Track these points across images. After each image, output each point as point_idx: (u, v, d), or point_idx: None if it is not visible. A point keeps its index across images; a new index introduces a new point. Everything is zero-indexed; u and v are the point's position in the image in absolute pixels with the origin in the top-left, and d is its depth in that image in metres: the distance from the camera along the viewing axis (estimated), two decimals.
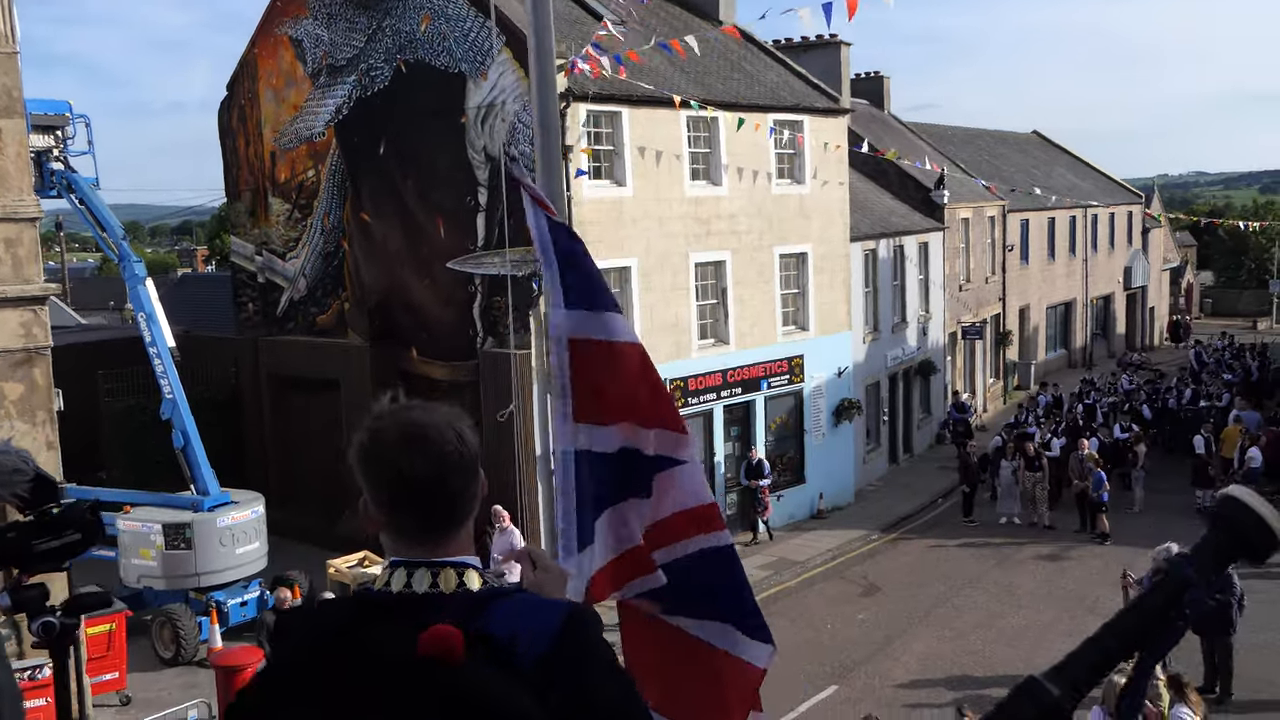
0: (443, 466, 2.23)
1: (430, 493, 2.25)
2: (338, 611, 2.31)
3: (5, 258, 15.47)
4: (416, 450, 2.22)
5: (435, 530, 2.28)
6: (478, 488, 2.30)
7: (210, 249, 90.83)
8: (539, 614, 2.22)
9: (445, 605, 2.20)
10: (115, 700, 17.70)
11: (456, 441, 2.23)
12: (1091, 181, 55.47)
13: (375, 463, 2.25)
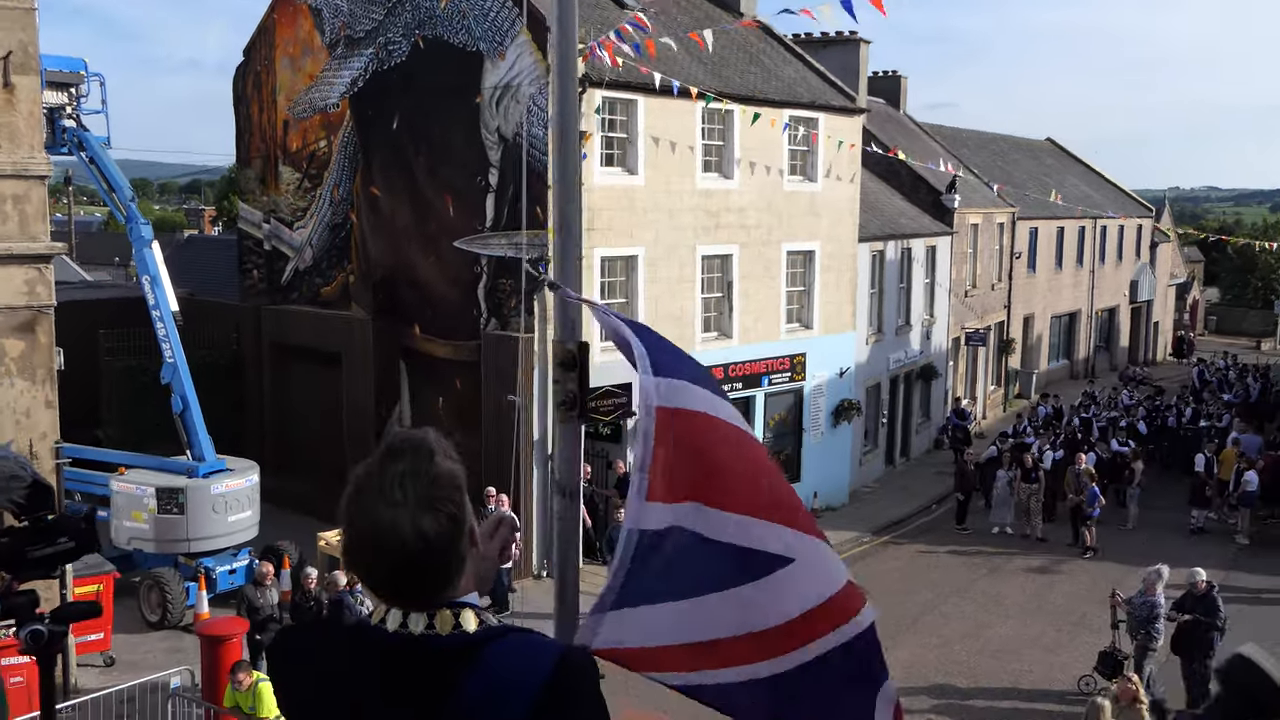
0: (399, 574, 2.23)
1: (399, 587, 2.26)
2: (335, 657, 2.30)
3: (12, 214, 15.42)
4: (373, 561, 2.23)
5: (422, 600, 2.27)
6: (458, 559, 2.27)
7: (218, 210, 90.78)
8: (532, 657, 2.23)
9: (441, 647, 2.22)
10: (99, 661, 17.73)
11: (419, 549, 2.18)
12: (1103, 192, 55.34)
13: (349, 559, 2.27)
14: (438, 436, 2.32)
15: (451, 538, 2.23)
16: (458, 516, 2.24)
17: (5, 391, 15.53)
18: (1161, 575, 17.17)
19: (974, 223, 38.46)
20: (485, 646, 2.23)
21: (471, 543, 2.32)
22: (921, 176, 35.87)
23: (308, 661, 2.37)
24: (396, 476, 2.21)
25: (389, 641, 2.25)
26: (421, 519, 2.18)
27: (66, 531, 2.96)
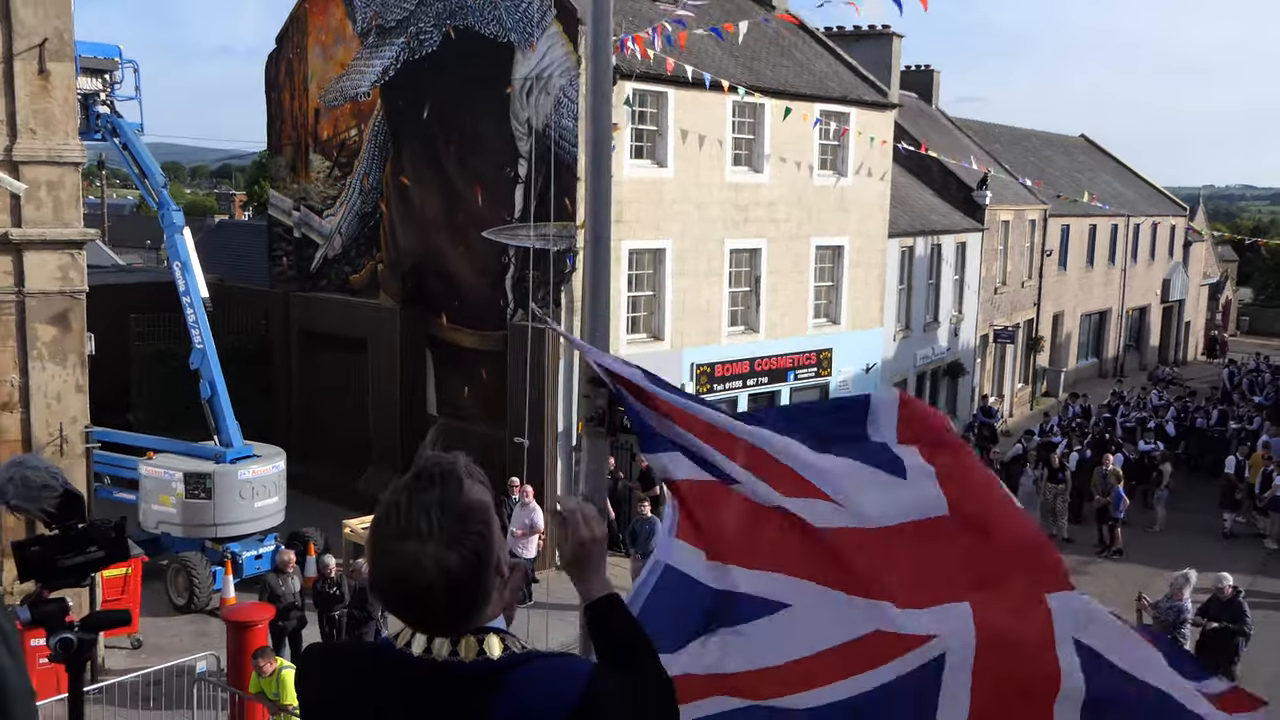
0: (425, 611, 2.24)
1: (424, 619, 2.28)
2: (359, 678, 2.31)
3: (46, 200, 15.53)
4: (400, 599, 2.24)
5: (442, 630, 2.29)
6: (484, 592, 2.27)
7: (249, 195, 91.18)
8: (558, 683, 2.24)
9: (465, 675, 2.23)
10: (127, 643, 17.89)
11: (442, 585, 2.18)
12: (1136, 190, 54.91)
13: (375, 591, 2.29)
14: (468, 463, 2.31)
15: (476, 573, 2.23)
16: (483, 553, 2.24)
17: (37, 375, 15.66)
18: (1189, 580, 17.04)
19: (1005, 219, 38.24)
20: (510, 673, 2.24)
21: (497, 573, 2.31)
22: (952, 172, 35.68)
23: (332, 681, 2.39)
24: (424, 508, 2.21)
25: (413, 666, 2.26)
26: (447, 556, 2.18)
27: (97, 540, 2.98)
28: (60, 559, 2.93)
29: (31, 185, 15.29)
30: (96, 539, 2.99)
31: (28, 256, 15.41)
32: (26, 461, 2.95)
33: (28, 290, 15.45)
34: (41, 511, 2.93)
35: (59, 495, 2.93)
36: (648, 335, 23.62)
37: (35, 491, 2.90)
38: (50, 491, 2.92)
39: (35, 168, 15.34)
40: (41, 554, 2.93)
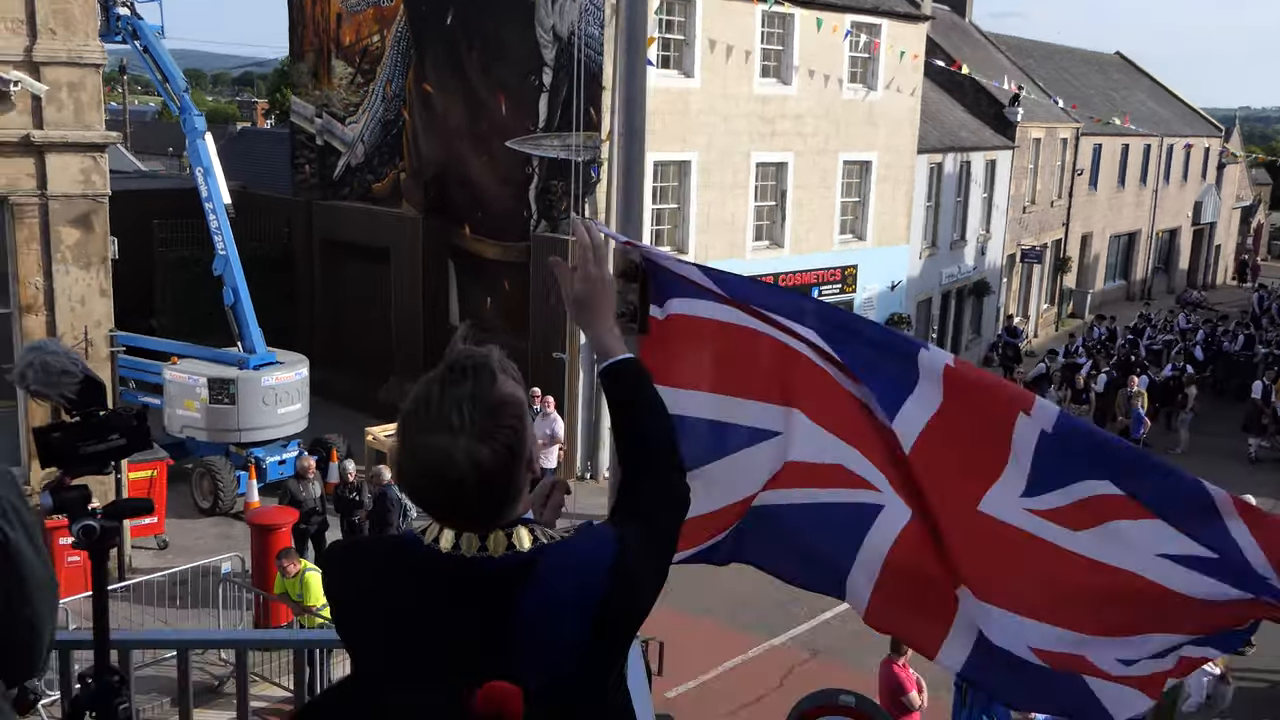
0: (457, 503, 2.18)
1: (453, 513, 2.22)
2: (390, 579, 2.27)
3: (67, 102, 15.42)
4: (431, 490, 2.18)
5: (480, 525, 2.23)
6: (515, 488, 2.23)
7: (271, 103, 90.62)
8: (585, 574, 2.21)
9: (494, 570, 2.18)
10: (154, 544, 18.16)
11: (474, 477, 2.13)
12: (1171, 110, 54.02)
13: (404, 483, 2.23)
14: (501, 356, 2.25)
15: (508, 467, 2.17)
16: (515, 447, 2.18)
17: (61, 279, 15.67)
18: None
19: (1036, 137, 37.71)
20: (538, 564, 2.19)
21: (529, 469, 2.26)
22: (984, 88, 35.13)
23: (356, 577, 2.33)
24: (456, 401, 2.15)
25: (441, 562, 2.21)
26: (479, 449, 2.12)
27: (118, 428, 2.94)
28: (81, 446, 2.90)
29: (52, 87, 15.17)
30: (118, 426, 2.95)
31: (50, 159, 15.33)
32: (45, 346, 2.90)
33: (50, 193, 15.40)
34: (61, 397, 2.89)
35: (79, 381, 2.88)
36: (671, 248, 23.45)
37: (55, 377, 2.86)
38: (70, 377, 2.87)
39: (55, 69, 15.20)
40: (63, 440, 2.90)
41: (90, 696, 2.99)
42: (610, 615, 2.18)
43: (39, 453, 2.94)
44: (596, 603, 2.16)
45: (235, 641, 3.76)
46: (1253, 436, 27.10)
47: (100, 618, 3.09)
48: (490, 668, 1.28)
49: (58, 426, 2.92)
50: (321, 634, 3.66)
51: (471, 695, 1.22)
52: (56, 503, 2.90)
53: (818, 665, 15.46)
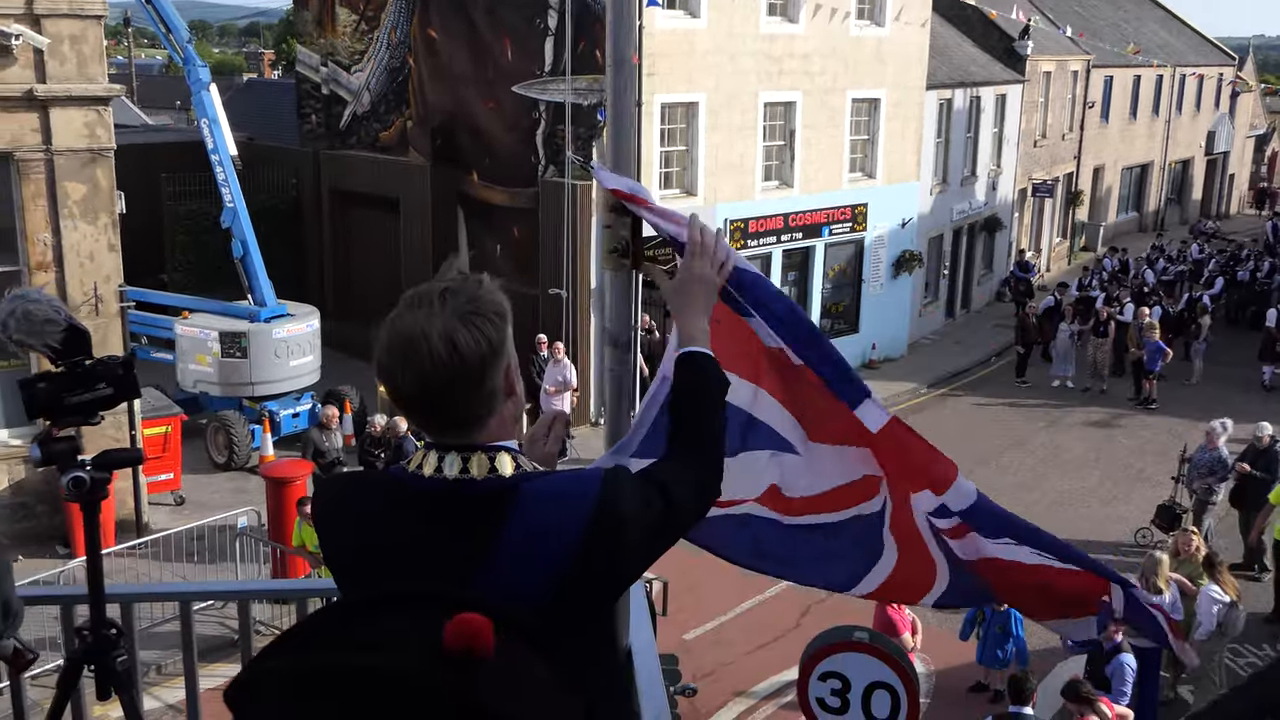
0: (426, 382, 2.13)
1: (423, 404, 2.20)
2: (372, 503, 2.27)
3: (70, 55, 15.33)
4: (401, 366, 2.15)
5: (450, 428, 2.23)
6: (487, 390, 2.20)
7: (277, 53, 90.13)
8: (570, 501, 2.19)
9: (477, 492, 2.17)
10: (170, 500, 18.24)
11: (446, 356, 2.10)
12: (1184, 39, 53.29)
13: (378, 370, 2.20)
14: (492, 279, 2.25)
15: (484, 361, 2.14)
16: (494, 340, 2.16)
17: (69, 234, 15.66)
18: (1226, 428, 17.06)
19: (1046, 70, 37.27)
20: (522, 489, 2.18)
21: (508, 384, 2.25)
22: (993, 22, 34.68)
23: (342, 507, 2.34)
24: (440, 289, 2.16)
25: (423, 486, 2.20)
26: (457, 329, 2.11)
27: (104, 377, 2.91)
28: (67, 396, 2.86)
29: (54, 40, 15.08)
30: (105, 376, 2.91)
31: (54, 113, 15.27)
32: (28, 295, 2.86)
33: (55, 148, 15.35)
34: (46, 347, 2.86)
35: (63, 330, 2.85)
36: (680, 190, 23.32)
37: (39, 326, 2.83)
38: (54, 326, 2.84)
39: (57, 21, 15.11)
40: (48, 391, 2.87)
41: (87, 650, 2.98)
42: (591, 552, 2.15)
43: (25, 404, 2.91)
44: (578, 536, 2.14)
45: (237, 593, 3.74)
46: (1267, 364, 26.99)
47: (94, 571, 3.07)
48: (463, 599, 1.26)
49: (43, 377, 2.89)
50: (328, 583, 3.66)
51: (440, 628, 1.19)
52: (45, 455, 2.87)
53: (835, 604, 15.50)
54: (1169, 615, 3.61)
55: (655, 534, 2.30)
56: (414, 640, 1.22)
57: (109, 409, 2.98)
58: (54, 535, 16.25)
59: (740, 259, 2.98)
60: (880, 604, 11.76)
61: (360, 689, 1.16)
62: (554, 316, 21.92)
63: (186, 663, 3.49)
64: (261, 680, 1.23)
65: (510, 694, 1.21)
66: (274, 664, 1.23)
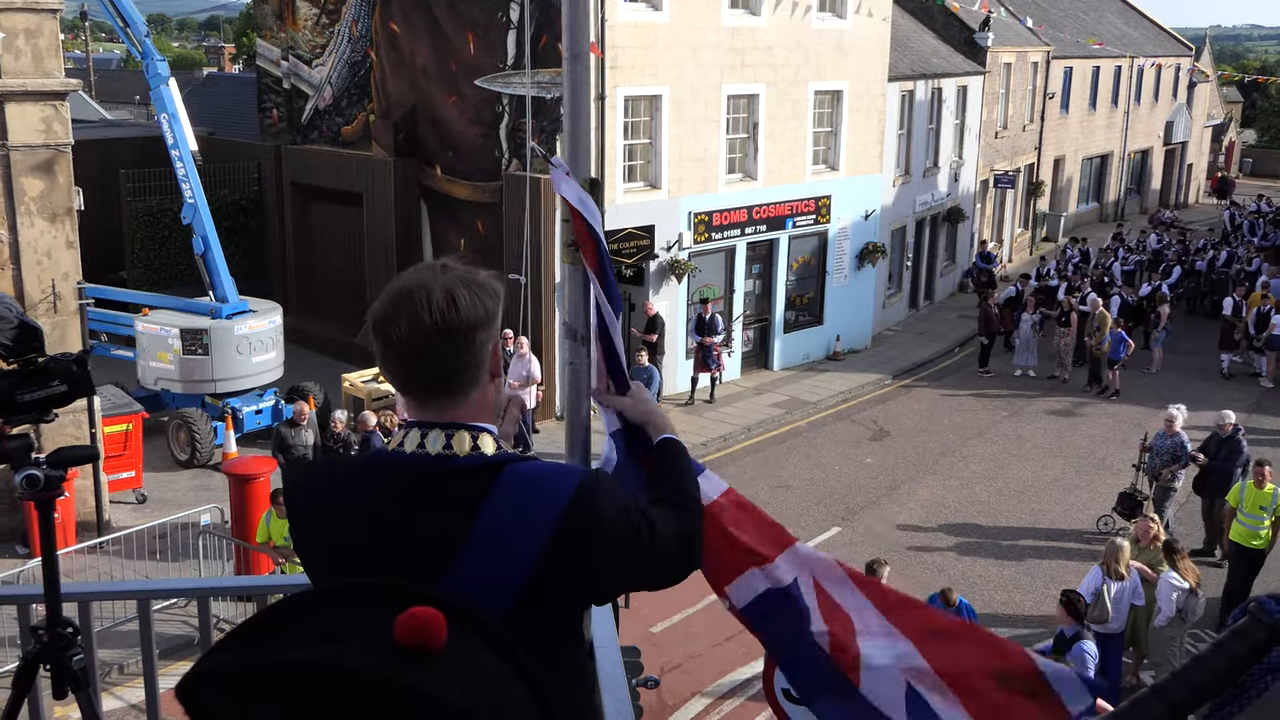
0: (420, 330, 2.14)
1: (412, 356, 2.20)
2: (350, 484, 2.27)
3: (25, 49, 15.17)
4: (398, 312, 2.17)
5: (436, 392, 2.24)
6: (476, 356, 2.22)
7: (237, 47, 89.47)
8: (551, 485, 2.19)
9: (457, 465, 2.17)
10: (132, 498, 18.10)
11: (444, 307, 2.14)
12: (1142, 30, 53.75)
13: (372, 322, 2.21)
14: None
15: (478, 321, 2.19)
16: (490, 310, 2.21)
17: (26, 232, 15.50)
18: (1181, 413, 17.28)
19: (1007, 62, 37.50)
20: (505, 470, 2.18)
21: (494, 363, 2.28)
22: (954, 14, 34.86)
23: (320, 488, 2.32)
24: (440, 262, 2.25)
25: (405, 461, 2.20)
26: (456, 287, 2.17)
27: (58, 375, 2.88)
28: (20, 393, 2.83)
29: (9, 34, 14.92)
30: (58, 373, 2.88)
31: (9, 108, 15.11)
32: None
33: (11, 144, 15.20)
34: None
35: (15, 327, 2.81)
36: (644, 184, 23.32)
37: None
38: (4, 323, 2.80)
39: (11, 15, 14.94)
40: (0, 389, 2.84)
41: (43, 649, 2.95)
42: (564, 546, 2.14)
43: None
44: (554, 526, 2.13)
45: (196, 590, 3.71)
46: (1225, 353, 27.27)
47: (50, 569, 3.04)
48: (416, 592, 1.25)
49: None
50: (289, 579, 3.63)
51: (391, 621, 1.19)
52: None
53: None
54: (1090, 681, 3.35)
55: (631, 551, 2.28)
56: (365, 633, 1.22)
57: (63, 406, 2.95)
58: (13, 535, 16.11)
59: None
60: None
61: (311, 683, 1.16)
62: (518, 313, 21.89)
63: (146, 661, 3.46)
64: (212, 675, 1.22)
65: (463, 686, 1.20)
66: (224, 658, 1.23)
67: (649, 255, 23.21)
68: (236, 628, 1.28)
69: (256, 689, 1.19)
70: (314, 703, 1.16)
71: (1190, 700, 1.29)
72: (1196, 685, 1.30)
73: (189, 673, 1.23)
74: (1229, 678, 1.30)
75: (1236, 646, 1.29)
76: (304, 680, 1.17)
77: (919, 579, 16.36)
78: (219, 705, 1.20)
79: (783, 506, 18.85)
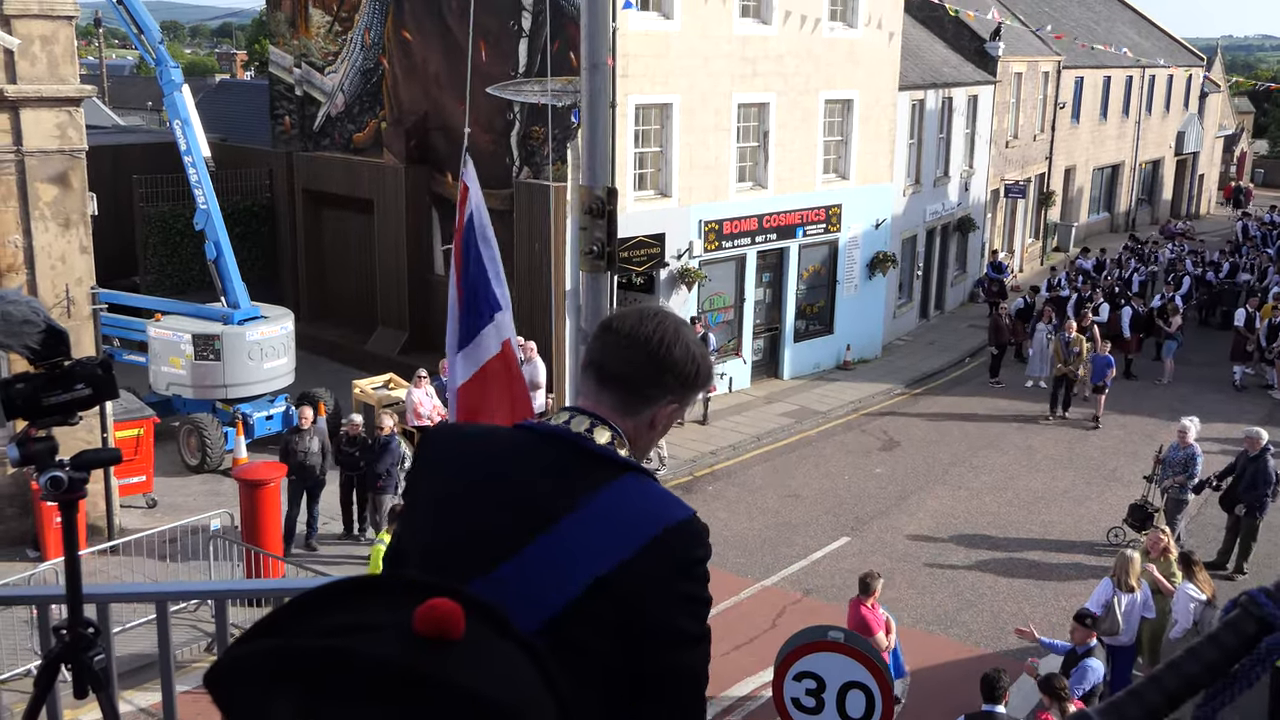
0: (638, 339, 2.38)
1: (619, 350, 2.40)
2: (478, 439, 2.39)
3: (40, 56, 15.24)
4: (639, 318, 2.42)
5: (610, 388, 2.40)
6: (655, 395, 2.40)
7: (250, 54, 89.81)
8: (659, 510, 2.21)
9: (592, 448, 2.29)
10: (142, 502, 18.15)
11: (670, 343, 2.38)
12: (1153, 41, 53.69)
13: (609, 314, 2.50)
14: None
15: (679, 378, 2.41)
16: (688, 377, 2.42)
17: (40, 236, 15.57)
18: (1195, 423, 17.19)
19: (1018, 71, 37.50)
20: (629, 475, 2.24)
21: (665, 414, 2.44)
22: (965, 23, 34.87)
23: (455, 442, 2.39)
24: (691, 318, 2.51)
25: (544, 429, 2.34)
26: (691, 345, 2.42)
27: (83, 378, 2.91)
28: (45, 397, 2.86)
29: (25, 40, 15.00)
30: (83, 376, 2.91)
31: (24, 114, 15.18)
32: (5, 296, 2.86)
33: (26, 149, 15.27)
34: (25, 348, 2.86)
35: (42, 330, 2.84)
36: (655, 192, 23.35)
37: (16, 327, 2.82)
38: (32, 326, 2.83)
39: (28, 21, 15.02)
40: (26, 392, 2.86)
41: (64, 649, 2.98)
42: (635, 571, 2.11)
43: (2, 405, 2.91)
44: (637, 546, 2.13)
45: (214, 592, 3.73)
46: (1238, 364, 27.19)
47: (72, 569, 3.07)
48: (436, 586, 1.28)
49: (21, 378, 2.89)
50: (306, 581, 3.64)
51: (411, 613, 1.23)
52: (23, 455, 2.87)
53: (810, 604, 15.58)
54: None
55: (687, 619, 2.21)
56: (386, 624, 1.25)
57: (87, 409, 2.99)
58: (23, 539, 16.16)
59: None
60: (854, 603, 11.85)
61: (337, 670, 1.19)
62: (528, 317, 21.92)
63: (163, 664, 3.48)
64: (241, 662, 1.25)
65: (480, 675, 1.23)
66: (253, 647, 1.26)
67: (659, 263, 23.24)
68: (263, 618, 1.31)
69: (281, 675, 1.22)
70: (336, 689, 1.19)
71: (1184, 689, 1.33)
72: (1190, 675, 1.34)
73: (218, 660, 1.27)
74: (1221, 668, 1.34)
75: (1228, 638, 1.34)
76: (327, 667, 1.20)
77: (927, 589, 16.35)
78: (245, 691, 1.23)
79: (792, 515, 18.86)
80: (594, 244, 2.82)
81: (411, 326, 25.22)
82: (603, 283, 2.85)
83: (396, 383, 21.11)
